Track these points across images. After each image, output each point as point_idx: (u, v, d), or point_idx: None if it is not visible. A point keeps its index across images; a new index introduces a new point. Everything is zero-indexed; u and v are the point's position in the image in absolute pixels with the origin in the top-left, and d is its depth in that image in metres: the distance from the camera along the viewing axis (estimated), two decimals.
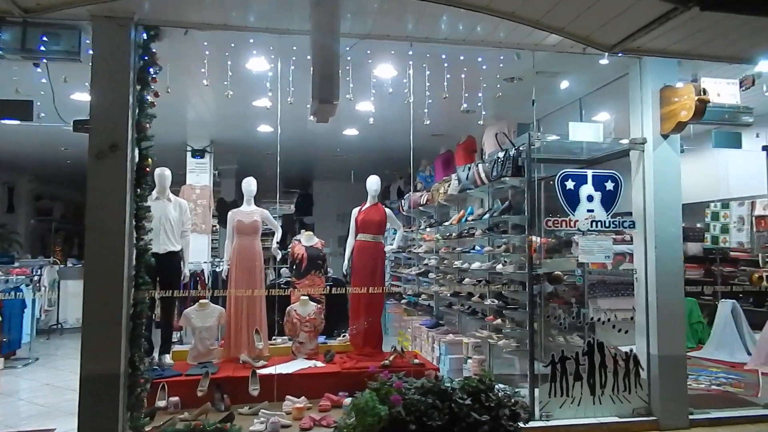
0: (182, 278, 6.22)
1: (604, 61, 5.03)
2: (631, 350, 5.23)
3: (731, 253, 8.52)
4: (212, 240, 9.63)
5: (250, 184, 6.49)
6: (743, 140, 5.62)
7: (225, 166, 10.75)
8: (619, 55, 4.32)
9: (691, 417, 5.12)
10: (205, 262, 8.87)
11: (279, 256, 6.92)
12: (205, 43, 4.80)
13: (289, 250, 7.45)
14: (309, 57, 4.15)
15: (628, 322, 5.34)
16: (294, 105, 4.97)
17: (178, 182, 8.51)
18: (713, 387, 6.37)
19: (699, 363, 7.44)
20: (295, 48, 4.76)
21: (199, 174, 9.30)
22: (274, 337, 6.57)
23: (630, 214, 5.39)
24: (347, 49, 4.72)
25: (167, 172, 6.12)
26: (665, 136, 5.20)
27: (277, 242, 6.71)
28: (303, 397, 5.16)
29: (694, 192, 7.63)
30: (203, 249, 9.05)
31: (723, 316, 8.17)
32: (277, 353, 6.21)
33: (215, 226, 9.85)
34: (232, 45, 4.85)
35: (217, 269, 8.45)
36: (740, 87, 5.16)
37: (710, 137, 5.70)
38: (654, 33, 3.35)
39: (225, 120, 8.04)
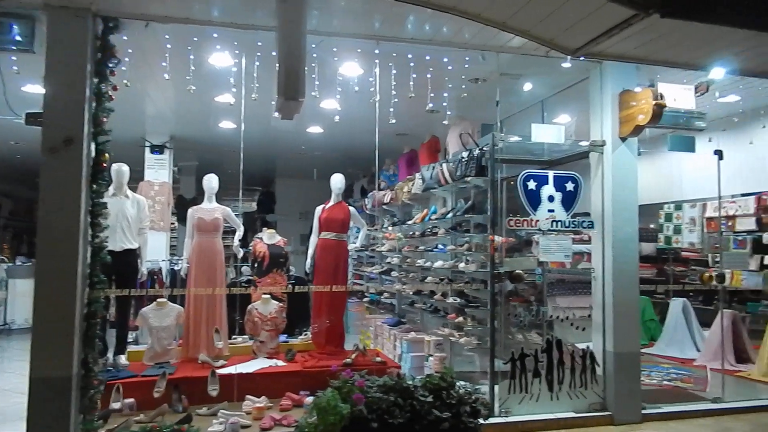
0: (139, 276, 6.06)
1: (566, 65, 5.15)
2: (588, 347, 5.37)
3: (683, 253, 8.85)
4: (171, 238, 9.42)
5: (211, 181, 6.37)
6: (696, 144, 5.82)
7: (185, 162, 10.51)
8: (581, 59, 4.42)
9: (643, 412, 5.28)
10: (163, 260, 8.67)
11: (240, 255, 6.81)
12: (167, 36, 4.68)
13: (250, 248, 7.35)
14: (274, 53, 4.10)
15: (586, 319, 5.47)
16: (258, 101, 4.91)
17: (136, 178, 8.29)
18: (665, 382, 6.60)
19: (651, 359, 7.70)
20: (260, 44, 4.69)
21: (158, 170, 9.07)
22: (234, 336, 6.48)
23: (588, 214, 5.52)
24: (313, 46, 4.69)
25: (125, 167, 5.94)
26: (623, 139, 5.34)
27: (239, 240, 6.60)
28: (263, 397, 5.10)
29: (650, 194, 7.88)
30: (161, 247, 8.85)
31: (674, 314, 8.48)
32: (238, 352, 6.12)
33: (174, 223, 9.63)
34: (195, 39, 4.75)
35: (176, 267, 8.27)
36: (695, 93, 5.34)
37: (666, 141, 5.88)
38: (615, 38, 3.44)
39: (186, 115, 7.87)
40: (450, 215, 6.81)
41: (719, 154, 6.17)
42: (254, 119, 5.45)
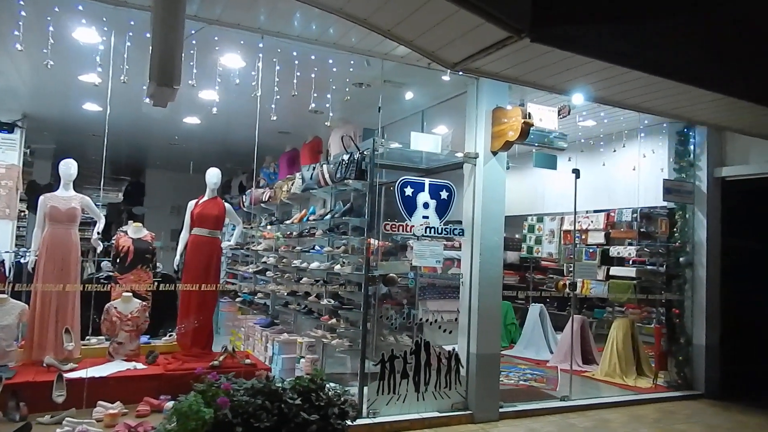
0: None
1: (446, 78, 5.36)
2: (454, 349, 5.62)
3: (542, 262, 9.60)
4: (20, 227, 8.47)
5: (69, 167, 5.80)
6: (558, 162, 6.32)
7: (40, 144, 9.51)
8: (460, 73, 4.61)
9: (501, 410, 5.63)
10: (6, 252, 7.75)
11: (100, 248, 6.27)
12: (21, 2, 4.19)
13: (113, 241, 6.80)
14: (148, 35, 3.83)
15: (453, 323, 5.72)
16: (128, 84, 4.56)
17: None
18: (521, 382, 7.09)
19: (510, 361, 8.24)
20: (132, 23, 4.37)
21: (6, 151, 8.10)
22: (88, 337, 5.96)
23: (460, 222, 5.79)
24: (193, 32, 4.46)
25: None
26: (495, 153, 5.67)
27: (98, 233, 6.07)
28: (118, 403, 4.73)
29: (516, 206, 8.46)
30: (5, 237, 7.91)
31: (532, 319, 9.16)
32: (91, 355, 5.64)
33: (24, 211, 8.67)
34: (56, 9, 4.31)
35: (23, 260, 7.44)
36: (558, 115, 5.81)
37: (531, 157, 6.33)
38: (491, 57, 3.62)
39: (42, 93, 7.13)
40: (328, 217, 6.81)
41: (577, 172, 6.77)
42: (123, 103, 5.07)
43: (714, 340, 6.98)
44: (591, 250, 8.28)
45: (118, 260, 6.55)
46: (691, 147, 7.22)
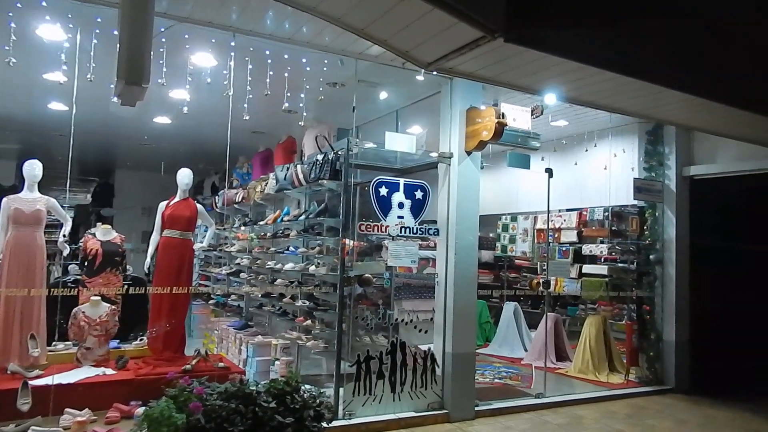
0: None
1: (420, 78, 5.36)
2: (430, 348, 5.62)
3: (516, 261, 9.68)
4: None
5: (33, 168, 5.63)
6: (531, 162, 6.37)
7: (3, 144, 9.25)
8: (434, 73, 4.61)
9: (476, 408, 5.65)
10: None
11: (66, 251, 6.11)
12: None
13: (80, 244, 6.63)
14: (116, 32, 3.73)
15: (428, 322, 5.73)
16: (95, 83, 4.44)
17: None
18: (496, 380, 7.13)
19: (485, 359, 8.29)
20: (99, 20, 4.26)
21: None
22: (54, 343, 5.80)
23: (435, 222, 5.79)
24: (162, 30, 4.37)
25: None
26: (469, 153, 5.69)
27: (64, 235, 5.91)
28: (87, 410, 4.61)
29: (490, 205, 8.52)
30: None
31: (507, 317, 9.23)
32: (58, 361, 5.50)
33: None
34: (19, 5, 4.17)
35: None
36: (531, 115, 5.85)
37: (505, 157, 6.37)
38: (465, 57, 3.62)
39: (5, 91, 6.90)
40: (303, 217, 6.75)
41: (549, 172, 6.83)
42: (90, 102, 4.95)
43: (684, 336, 7.13)
44: (564, 249, 8.38)
45: (86, 263, 6.39)
46: (661, 147, 7.37)
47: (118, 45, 3.56)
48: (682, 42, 3.72)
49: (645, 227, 7.38)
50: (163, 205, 6.10)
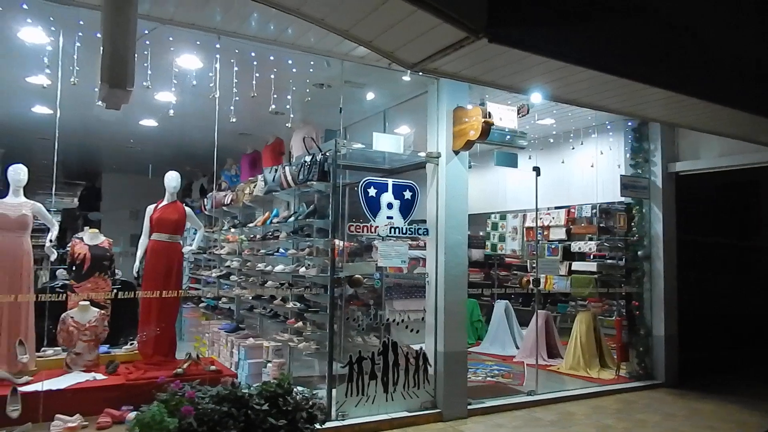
0: None
1: (406, 78, 5.37)
2: (421, 348, 5.63)
3: (506, 259, 9.73)
4: None
5: (18, 173, 5.59)
6: (519, 161, 6.40)
7: None
8: (420, 73, 4.63)
9: (469, 407, 5.68)
10: None
11: (53, 256, 6.05)
12: None
13: (68, 249, 6.58)
14: (99, 34, 3.71)
15: (420, 322, 5.74)
16: (79, 86, 4.40)
17: None
18: (488, 378, 7.16)
19: (477, 357, 8.32)
20: (81, 23, 4.23)
21: None
22: (43, 349, 5.75)
23: (424, 221, 5.81)
24: (146, 32, 4.35)
25: None
26: (456, 152, 5.71)
27: (51, 240, 5.86)
28: (77, 415, 4.59)
29: (479, 204, 8.56)
30: None
31: (498, 315, 9.27)
32: (47, 366, 5.45)
33: None
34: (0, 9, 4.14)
35: None
36: (518, 114, 5.89)
37: (493, 156, 6.40)
38: (449, 57, 3.64)
39: None
40: (292, 219, 6.74)
41: (537, 170, 6.87)
42: (74, 106, 4.91)
43: (672, 330, 7.20)
44: (553, 246, 8.44)
45: (74, 268, 6.34)
46: (646, 143, 7.43)
47: (101, 48, 3.54)
48: (661, 41, 3.77)
49: (632, 224, 7.44)
50: (151, 208, 6.07)
